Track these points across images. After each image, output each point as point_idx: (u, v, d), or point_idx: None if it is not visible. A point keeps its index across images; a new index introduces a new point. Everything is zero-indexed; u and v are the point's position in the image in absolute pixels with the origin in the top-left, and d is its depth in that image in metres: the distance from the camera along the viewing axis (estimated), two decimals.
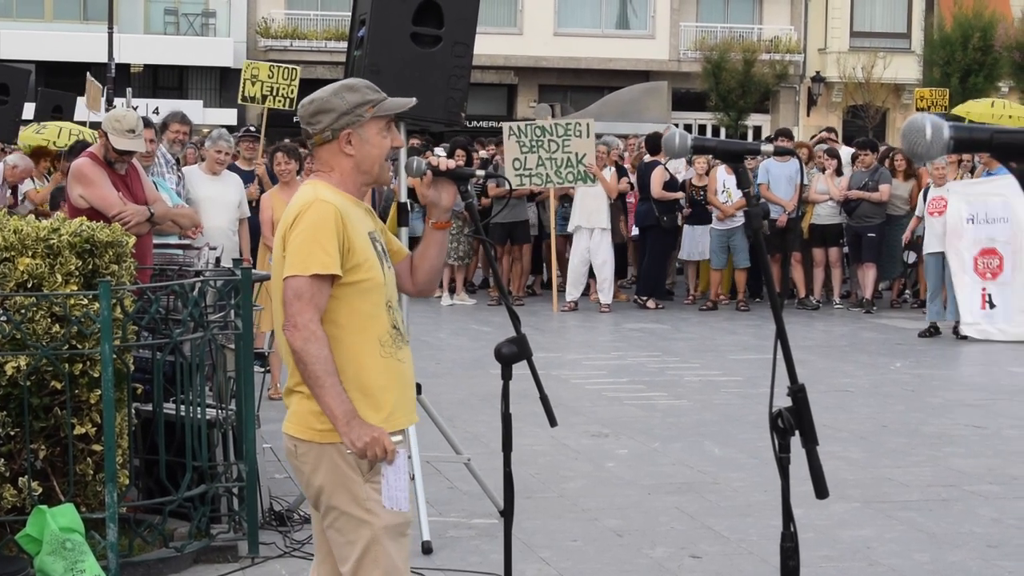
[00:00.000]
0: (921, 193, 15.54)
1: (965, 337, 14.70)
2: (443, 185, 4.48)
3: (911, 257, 16.58)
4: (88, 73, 22.26)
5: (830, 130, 23.40)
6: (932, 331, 14.97)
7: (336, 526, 4.21)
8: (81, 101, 22.05)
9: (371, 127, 4.26)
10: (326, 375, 4.02)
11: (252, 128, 14.55)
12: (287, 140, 16.17)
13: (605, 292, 17.32)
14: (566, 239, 17.84)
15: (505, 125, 17.69)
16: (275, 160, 11.20)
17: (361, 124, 4.24)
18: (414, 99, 4.40)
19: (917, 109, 20.45)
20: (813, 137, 21.99)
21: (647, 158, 17.95)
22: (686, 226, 17.90)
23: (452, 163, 4.54)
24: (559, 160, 16.79)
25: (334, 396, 4.03)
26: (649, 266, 17.81)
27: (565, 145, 16.80)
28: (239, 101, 15.98)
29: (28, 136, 17.61)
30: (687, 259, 18.33)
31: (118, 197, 7.81)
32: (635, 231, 18.44)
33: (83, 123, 20.55)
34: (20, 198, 15.64)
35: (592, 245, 17.10)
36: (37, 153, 16.70)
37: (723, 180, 17.17)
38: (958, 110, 21.44)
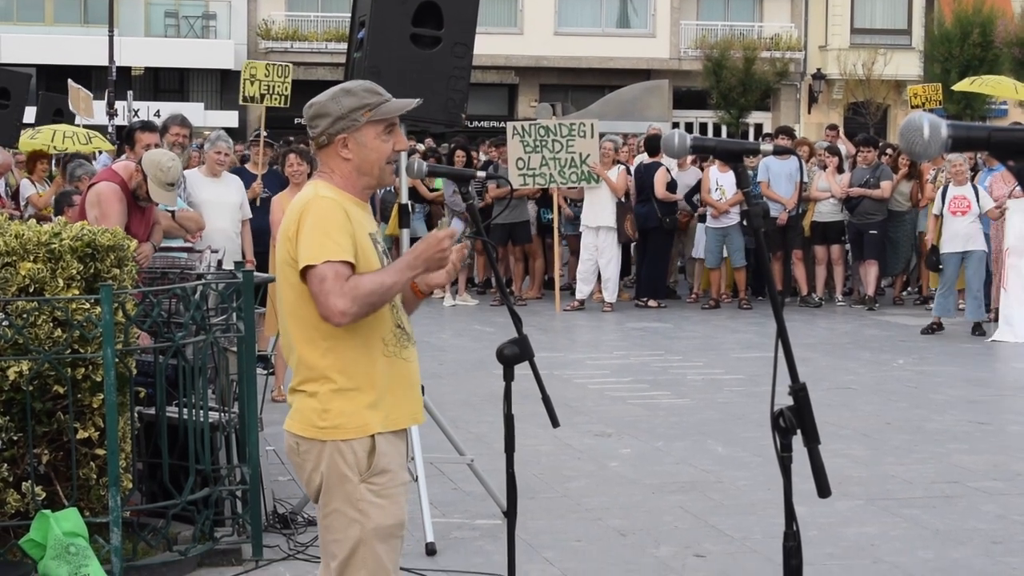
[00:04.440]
0: (939, 192, 15.45)
1: (984, 334, 14.67)
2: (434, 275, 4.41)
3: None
4: (69, 80, 22.18)
5: (832, 127, 23.40)
6: (935, 327, 14.94)
7: (327, 523, 4.26)
8: None
9: (368, 131, 4.24)
10: (384, 284, 4.10)
11: (263, 133, 14.57)
12: (291, 139, 16.16)
13: (609, 291, 17.31)
14: (577, 239, 17.80)
15: (509, 125, 17.67)
16: (287, 162, 11.18)
17: (357, 128, 4.23)
18: (416, 100, 4.38)
19: (912, 107, 20.46)
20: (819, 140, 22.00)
21: (646, 159, 17.93)
22: (699, 225, 17.92)
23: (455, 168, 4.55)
24: (563, 160, 16.78)
25: (392, 277, 4.13)
26: (651, 268, 17.80)
27: (569, 145, 16.78)
28: (240, 102, 16.00)
29: (23, 143, 17.58)
30: (699, 257, 18.31)
31: None
32: None
33: (78, 125, 20.52)
34: (23, 203, 15.66)
35: (599, 243, 17.10)
36: (34, 156, 16.70)
37: (716, 178, 17.16)
38: (960, 87, 21.80)
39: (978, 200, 14.83)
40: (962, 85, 21.80)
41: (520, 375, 4.66)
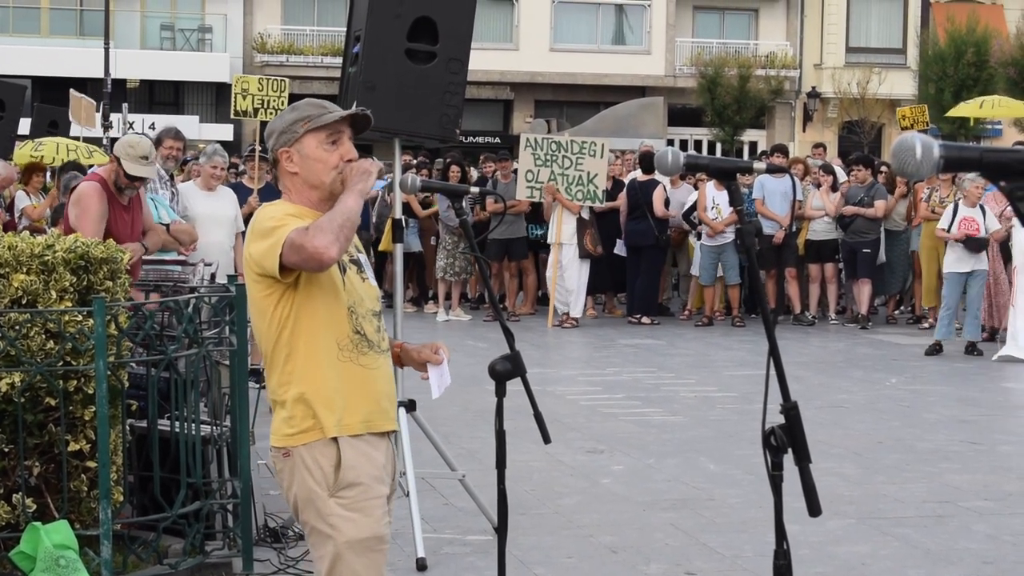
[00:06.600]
0: (949, 209, 15.36)
1: (980, 354, 14.66)
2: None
3: None
4: (72, 89, 22.14)
5: (818, 145, 23.53)
6: (936, 349, 14.86)
7: (309, 541, 4.32)
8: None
9: (309, 141, 4.27)
10: (346, 204, 4.15)
11: (257, 147, 14.56)
12: None
13: (571, 305, 17.18)
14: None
15: (523, 136, 17.87)
16: None
17: (297, 139, 4.27)
18: (363, 110, 4.39)
19: (901, 128, 20.43)
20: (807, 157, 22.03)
21: (640, 176, 17.95)
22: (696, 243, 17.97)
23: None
24: (571, 177, 16.86)
25: (347, 199, 4.18)
26: (644, 284, 17.80)
27: (579, 163, 16.88)
28: (232, 116, 15.99)
29: (24, 154, 17.59)
30: (695, 274, 18.37)
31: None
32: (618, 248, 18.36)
33: (76, 138, 20.51)
34: (17, 214, 15.64)
35: (562, 259, 17.14)
36: (30, 168, 16.68)
37: (712, 196, 17.19)
38: (955, 112, 21.74)
39: (984, 221, 14.79)
40: (971, 111, 21.44)
41: (512, 391, 4.66)
